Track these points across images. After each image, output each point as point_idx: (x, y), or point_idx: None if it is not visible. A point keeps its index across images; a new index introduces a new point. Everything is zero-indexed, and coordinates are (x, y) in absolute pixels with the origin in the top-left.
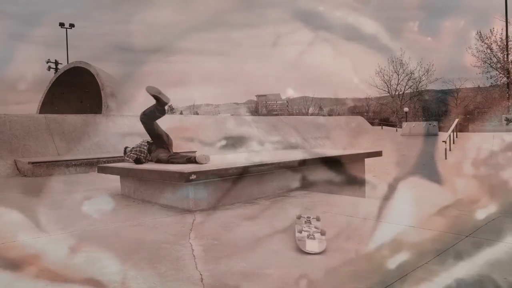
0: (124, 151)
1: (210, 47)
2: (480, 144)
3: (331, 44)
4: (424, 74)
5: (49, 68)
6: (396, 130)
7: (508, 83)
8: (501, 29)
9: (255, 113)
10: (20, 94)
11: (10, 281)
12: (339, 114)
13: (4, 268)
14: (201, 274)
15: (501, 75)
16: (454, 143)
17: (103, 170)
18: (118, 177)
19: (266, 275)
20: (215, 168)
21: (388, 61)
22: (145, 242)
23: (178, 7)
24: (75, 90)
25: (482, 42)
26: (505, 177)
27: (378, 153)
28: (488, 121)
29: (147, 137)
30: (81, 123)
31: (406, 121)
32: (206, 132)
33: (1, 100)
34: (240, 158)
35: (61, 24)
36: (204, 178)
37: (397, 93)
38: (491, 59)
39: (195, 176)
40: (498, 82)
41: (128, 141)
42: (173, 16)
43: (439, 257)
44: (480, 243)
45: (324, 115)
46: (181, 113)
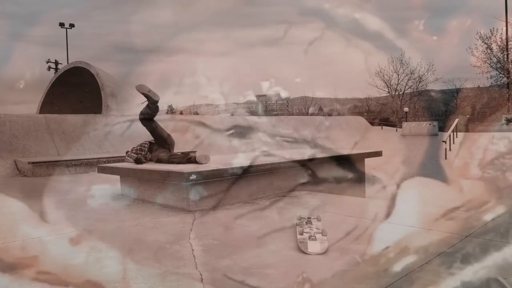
0: (126, 153)
1: (212, 46)
2: (480, 144)
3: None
4: (427, 71)
5: (49, 68)
6: (396, 130)
7: (508, 83)
8: (501, 29)
9: (255, 113)
10: (20, 94)
11: (6, 283)
12: (339, 114)
13: (2, 271)
14: (201, 274)
15: (501, 75)
16: (454, 143)
17: (103, 170)
18: (118, 177)
19: (266, 275)
20: (215, 168)
21: (388, 61)
22: (145, 242)
23: (179, 7)
24: (75, 90)
25: (482, 42)
26: (507, 177)
27: (378, 153)
28: (488, 121)
29: (146, 138)
30: (81, 123)
31: (406, 121)
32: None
33: (1, 100)
34: (240, 158)
35: (61, 24)
36: (204, 178)
37: (397, 93)
38: (491, 59)
39: (195, 176)
40: (498, 82)
41: (128, 141)
42: (173, 16)
43: (439, 257)
44: (481, 243)
45: (324, 115)
46: (181, 113)
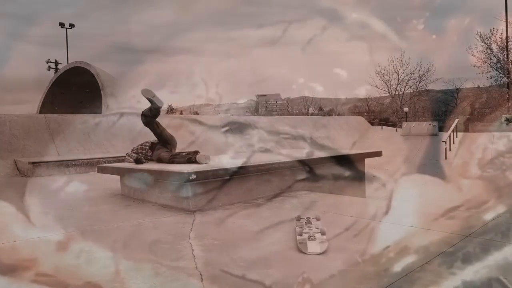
0: (126, 154)
1: (211, 46)
2: (480, 144)
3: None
4: (427, 71)
5: (49, 68)
6: (396, 130)
7: (508, 83)
8: (501, 29)
9: (255, 113)
10: (20, 94)
11: (5, 285)
12: (339, 114)
13: (0, 273)
14: (201, 274)
15: (501, 75)
16: (454, 143)
17: (103, 170)
18: (118, 177)
19: (266, 274)
20: (215, 168)
21: (388, 61)
22: (145, 242)
23: (179, 7)
24: (75, 90)
25: (482, 42)
26: (507, 176)
27: (378, 153)
28: (488, 121)
29: (147, 137)
30: (81, 123)
31: (406, 121)
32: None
33: (1, 100)
34: (240, 158)
35: (61, 24)
36: (204, 178)
37: (397, 93)
38: (491, 59)
39: (195, 176)
40: (498, 82)
41: (129, 141)
42: (173, 16)
43: (440, 257)
44: (481, 243)
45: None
46: (181, 112)
